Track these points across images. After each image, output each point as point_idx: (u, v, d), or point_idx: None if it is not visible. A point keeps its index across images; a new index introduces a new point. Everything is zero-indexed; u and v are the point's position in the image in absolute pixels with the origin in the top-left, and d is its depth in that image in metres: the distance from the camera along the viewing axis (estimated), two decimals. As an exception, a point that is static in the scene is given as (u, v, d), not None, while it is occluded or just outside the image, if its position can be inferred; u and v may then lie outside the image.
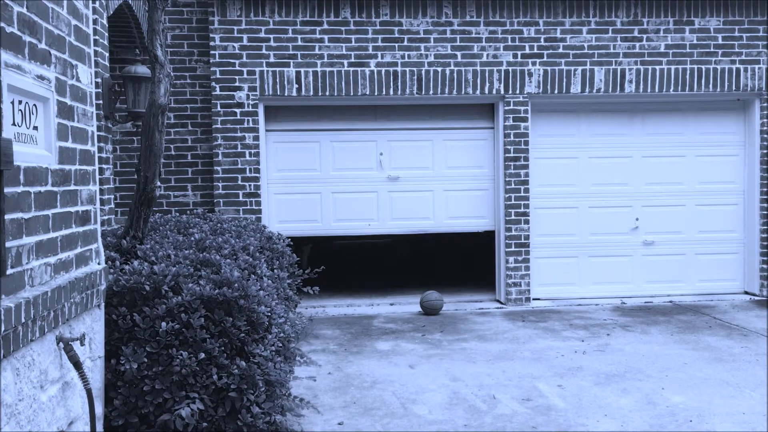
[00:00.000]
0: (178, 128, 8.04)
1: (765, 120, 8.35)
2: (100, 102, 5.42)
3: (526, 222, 8.18)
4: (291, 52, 7.88)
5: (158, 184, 4.55)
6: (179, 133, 8.05)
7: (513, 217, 8.15)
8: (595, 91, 8.14)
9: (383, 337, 6.88)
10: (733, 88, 8.29)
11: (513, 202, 8.14)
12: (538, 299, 8.35)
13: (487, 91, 8.03)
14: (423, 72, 7.97)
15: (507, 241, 8.19)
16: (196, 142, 8.09)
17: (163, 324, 3.61)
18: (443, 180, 8.32)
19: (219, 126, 7.87)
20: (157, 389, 3.57)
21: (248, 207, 7.90)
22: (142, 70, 5.98)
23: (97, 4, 5.11)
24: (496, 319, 7.57)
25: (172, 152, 8.01)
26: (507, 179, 8.13)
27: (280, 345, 4.01)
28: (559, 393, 5.10)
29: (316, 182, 8.19)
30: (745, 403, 4.83)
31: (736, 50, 8.27)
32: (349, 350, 6.36)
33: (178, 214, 7.23)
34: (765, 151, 8.39)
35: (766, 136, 8.37)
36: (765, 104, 8.34)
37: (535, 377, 5.48)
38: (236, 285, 3.76)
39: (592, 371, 5.62)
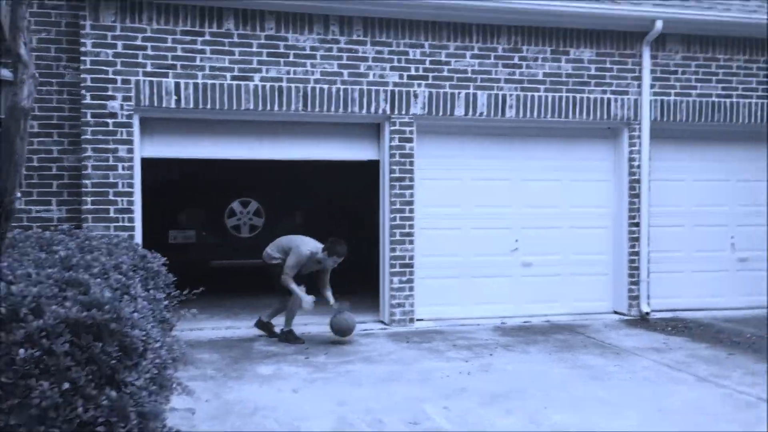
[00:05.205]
0: (43, 138, 7.45)
1: (633, 148, 8.82)
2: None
3: (411, 243, 8.16)
4: (170, 62, 7.52)
5: (18, 196, 4.12)
6: (44, 143, 7.46)
7: (398, 238, 8.12)
8: (478, 114, 8.29)
9: (265, 360, 6.60)
10: (605, 116, 8.70)
11: (398, 222, 8.11)
12: (422, 320, 8.34)
13: (373, 110, 7.99)
14: (309, 89, 7.82)
15: (392, 262, 8.13)
16: (62, 153, 7.52)
17: (21, 351, 3.21)
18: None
19: (89, 137, 7.35)
20: (11, 425, 3.16)
21: (120, 224, 7.40)
22: (3, 73, 5.47)
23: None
24: (380, 341, 7.47)
25: (35, 163, 7.40)
26: (392, 200, 8.10)
27: (156, 372, 3.69)
28: (446, 415, 5.05)
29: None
30: (623, 422, 4.95)
31: (607, 81, 8.70)
32: (229, 375, 6.05)
33: (40, 230, 6.63)
34: (632, 178, 8.84)
35: (633, 163, 8.83)
36: (633, 133, 8.80)
37: (422, 399, 5.40)
38: (107, 307, 3.42)
39: (477, 392, 5.61)
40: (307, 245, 7.38)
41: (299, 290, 7.29)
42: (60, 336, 3.27)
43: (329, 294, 7.53)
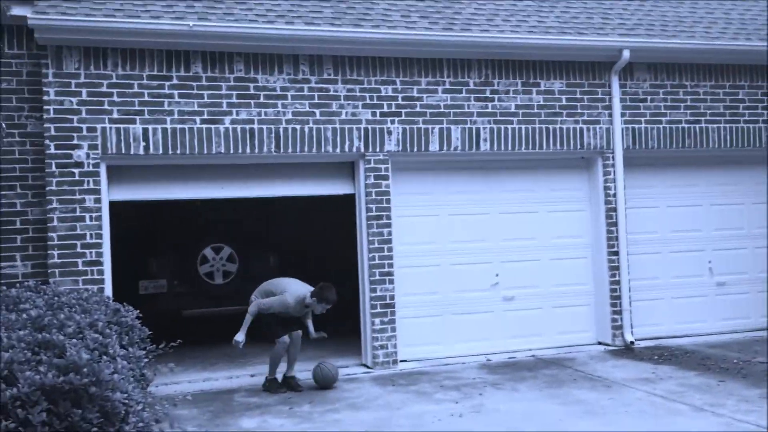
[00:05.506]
0: (6, 191, 7.16)
1: (607, 177, 8.81)
2: None
3: (391, 282, 7.99)
4: (137, 108, 7.32)
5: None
6: (7, 196, 7.17)
7: (378, 277, 7.93)
8: (452, 149, 8.22)
9: (247, 413, 6.32)
10: (578, 146, 8.69)
11: (377, 261, 7.93)
12: (405, 361, 8.11)
13: (347, 149, 7.87)
14: (281, 130, 7.68)
15: (372, 302, 7.94)
16: (26, 206, 7.23)
17: (-7, 423, 2.96)
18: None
19: (54, 188, 7.08)
20: (-17, 506, 2.89)
21: (89, 277, 7.10)
22: (-37, 123, 5.23)
23: None
24: (365, 385, 7.23)
25: (-2, 218, 7.10)
26: (370, 239, 7.94)
27: (139, 436, 3.44)
28: (443, 462, 4.84)
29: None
30: (626, 457, 4.80)
31: (579, 111, 8.71)
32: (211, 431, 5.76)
33: (5, 287, 6.33)
34: (609, 206, 8.82)
35: (609, 192, 8.81)
36: (607, 162, 8.80)
37: (416, 446, 5.19)
38: (85, 369, 3.18)
39: (472, 435, 5.42)
40: (295, 292, 7.06)
41: (244, 326, 7.00)
42: (36, 404, 3.02)
43: (309, 323, 7.37)
